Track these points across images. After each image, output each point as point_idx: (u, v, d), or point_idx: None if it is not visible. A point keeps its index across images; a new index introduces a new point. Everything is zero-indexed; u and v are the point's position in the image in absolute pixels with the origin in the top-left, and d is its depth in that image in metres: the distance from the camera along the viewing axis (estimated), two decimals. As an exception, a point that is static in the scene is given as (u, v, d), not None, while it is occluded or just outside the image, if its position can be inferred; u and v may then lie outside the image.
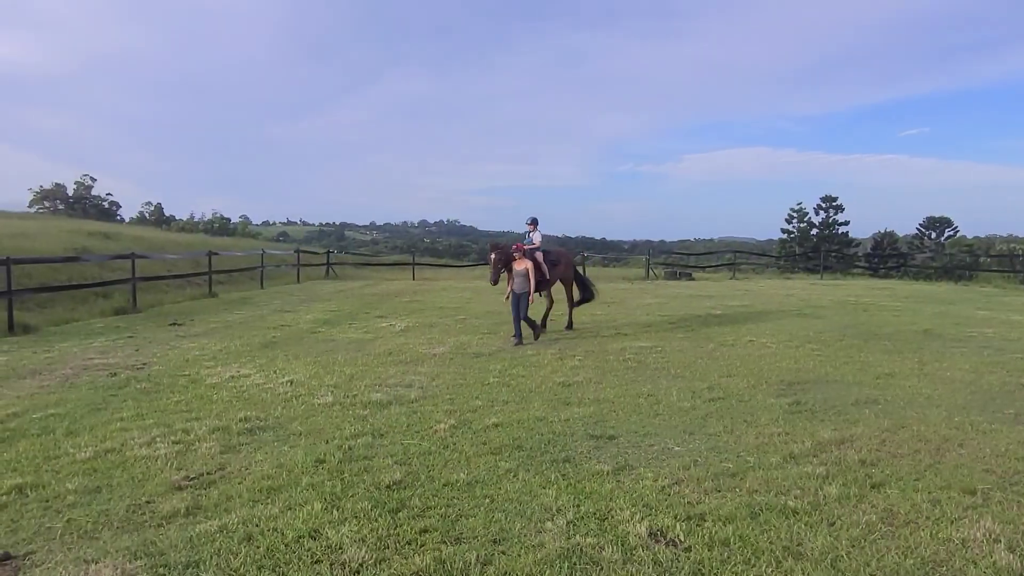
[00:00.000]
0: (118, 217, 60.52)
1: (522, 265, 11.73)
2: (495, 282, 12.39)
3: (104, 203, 61.34)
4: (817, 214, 51.64)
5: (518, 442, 5.89)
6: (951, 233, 50.76)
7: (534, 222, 13.22)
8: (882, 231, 50.64)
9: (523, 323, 11.67)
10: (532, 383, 8.31)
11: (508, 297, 11.96)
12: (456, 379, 8.57)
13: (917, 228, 51.74)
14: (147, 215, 64.55)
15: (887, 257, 40.74)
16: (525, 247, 12.32)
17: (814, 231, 51.63)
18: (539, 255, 12.53)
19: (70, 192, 60.04)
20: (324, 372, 8.96)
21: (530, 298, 11.69)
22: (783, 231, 53.09)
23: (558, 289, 13.55)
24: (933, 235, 50.90)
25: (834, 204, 50.86)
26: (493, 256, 12.19)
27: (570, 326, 13.20)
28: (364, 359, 9.91)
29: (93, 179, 61.74)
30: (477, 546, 3.91)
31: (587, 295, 13.84)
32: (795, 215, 52.33)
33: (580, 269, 31.49)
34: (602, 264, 43.78)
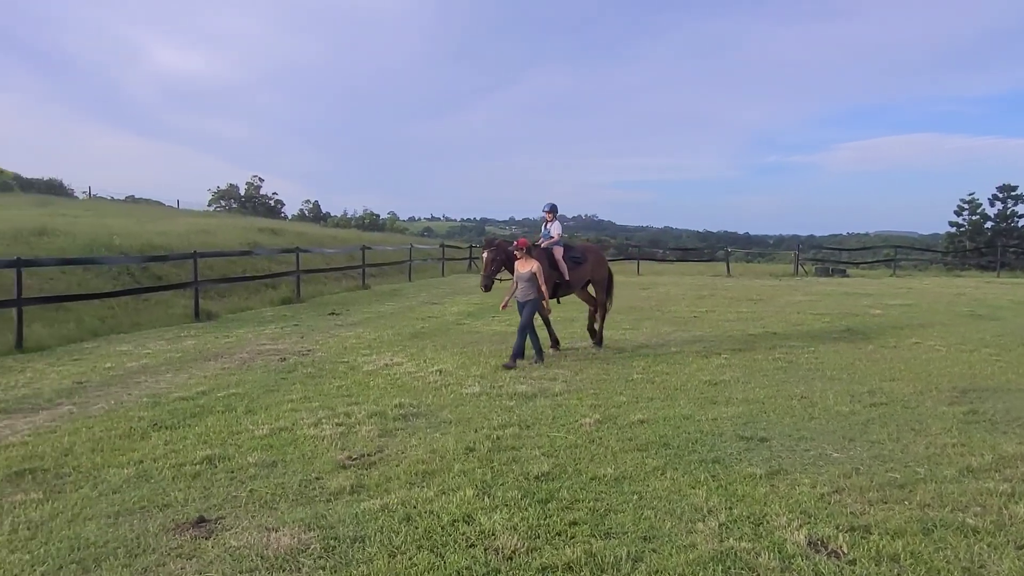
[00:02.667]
0: (282, 214, 65.45)
1: (527, 266, 9.21)
2: (487, 287, 9.78)
3: (270, 201, 66.58)
4: (992, 205, 46.86)
5: (665, 440, 5.82)
6: None
7: (552, 210, 10.58)
8: (1075, 223, 45.11)
9: (539, 340, 9.54)
10: (677, 380, 8.16)
11: (505, 306, 9.87)
12: (600, 374, 8.58)
13: (1120, 219, 45.65)
14: (306, 212, 69.34)
15: (1081, 252, 36.21)
16: (541, 242, 10.28)
17: (988, 224, 46.90)
18: (558, 251, 10.32)
19: (242, 192, 65.67)
20: (470, 363, 9.27)
21: (545, 305, 9.42)
22: (951, 224, 48.71)
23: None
24: None
25: (1013, 194, 45.95)
26: (486, 254, 9.75)
27: (599, 341, 10.62)
28: (508, 351, 10.09)
29: (261, 179, 67.23)
30: (627, 542, 3.92)
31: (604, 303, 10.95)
32: (966, 207, 47.79)
33: (726, 266, 30.64)
34: (745, 260, 42.06)
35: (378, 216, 70.97)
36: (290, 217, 64.54)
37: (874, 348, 10.37)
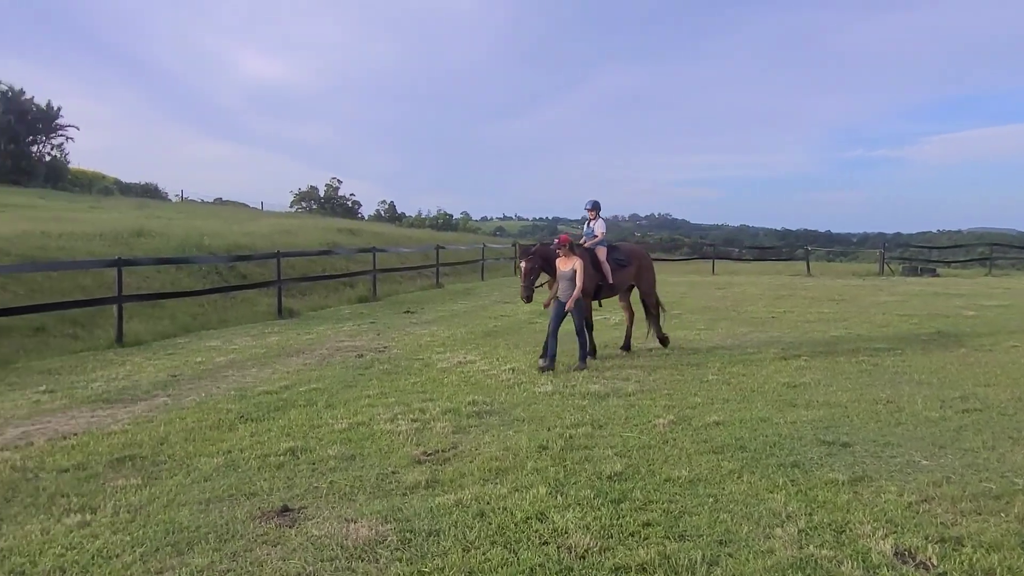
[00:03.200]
0: (359, 215, 67.02)
1: (569, 264, 8.82)
2: (528, 298, 9.18)
3: (348, 202, 68.25)
4: (1105, 199, 43.65)
5: (741, 442, 5.70)
6: None
7: (595, 207, 9.91)
8: None
9: (576, 341, 9.05)
10: (754, 382, 7.97)
11: (548, 304, 9.25)
12: (673, 375, 8.46)
13: None
14: (382, 212, 70.75)
15: None
16: (584, 242, 9.77)
17: (1100, 219, 43.73)
18: (602, 251, 9.76)
19: (321, 193, 67.64)
20: (543, 362, 9.28)
21: (569, 305, 8.75)
22: (1057, 220, 45.61)
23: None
24: None
25: None
26: (524, 264, 9.19)
27: (664, 339, 10.29)
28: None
29: (339, 181, 68.95)
30: (702, 545, 3.86)
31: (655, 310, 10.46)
32: (1074, 201, 44.71)
33: (806, 265, 29.57)
34: (826, 259, 40.55)
35: (451, 216, 71.77)
36: (367, 217, 66.01)
37: (967, 351, 9.85)
